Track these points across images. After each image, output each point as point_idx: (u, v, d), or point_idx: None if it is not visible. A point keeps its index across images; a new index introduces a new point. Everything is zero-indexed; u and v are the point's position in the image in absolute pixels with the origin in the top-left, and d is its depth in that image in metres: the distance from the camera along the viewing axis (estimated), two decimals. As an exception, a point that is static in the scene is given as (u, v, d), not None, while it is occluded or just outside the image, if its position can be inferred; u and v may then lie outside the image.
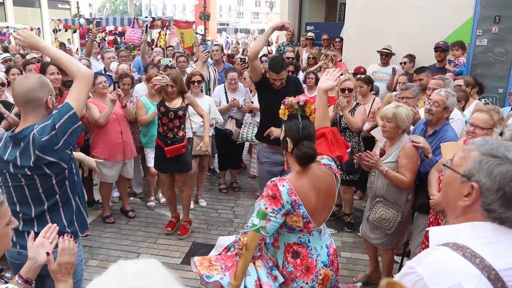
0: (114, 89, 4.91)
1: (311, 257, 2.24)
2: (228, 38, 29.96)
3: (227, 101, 5.54)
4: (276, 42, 17.43)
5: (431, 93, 3.98)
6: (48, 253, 1.73)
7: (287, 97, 2.28)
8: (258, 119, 5.24)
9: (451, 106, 3.37)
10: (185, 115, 4.40)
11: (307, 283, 2.23)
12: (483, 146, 1.23)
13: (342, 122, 4.56)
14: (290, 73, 5.82)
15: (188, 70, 5.91)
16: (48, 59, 5.25)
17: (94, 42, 7.50)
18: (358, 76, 5.42)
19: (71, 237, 1.77)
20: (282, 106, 2.30)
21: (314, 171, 2.22)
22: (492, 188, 1.18)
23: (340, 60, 7.42)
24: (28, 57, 7.30)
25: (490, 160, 1.19)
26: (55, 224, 1.87)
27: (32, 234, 1.83)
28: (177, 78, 4.31)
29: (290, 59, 6.98)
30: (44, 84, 2.21)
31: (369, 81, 5.15)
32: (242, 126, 5.40)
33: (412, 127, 3.73)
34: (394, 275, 1.67)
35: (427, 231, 1.43)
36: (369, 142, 4.84)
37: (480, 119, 2.90)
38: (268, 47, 18.33)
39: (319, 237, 2.30)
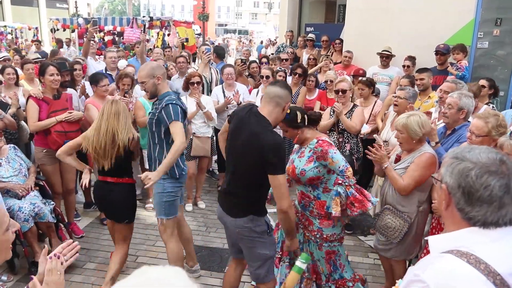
0: (123, 92, 4.89)
1: None
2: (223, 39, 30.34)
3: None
4: (274, 43, 17.42)
5: (442, 95, 4.01)
6: (31, 277, 1.68)
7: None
8: None
9: (465, 107, 3.35)
10: None
11: None
12: (453, 152, 1.34)
13: (340, 124, 4.50)
14: (297, 76, 5.73)
15: (190, 71, 5.87)
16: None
17: (92, 42, 7.42)
18: (360, 78, 5.33)
19: (58, 258, 1.75)
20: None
21: None
22: (454, 186, 1.27)
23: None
24: (31, 56, 7.23)
25: (453, 162, 1.30)
26: (76, 242, 1.86)
27: (46, 248, 1.80)
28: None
29: (284, 60, 6.77)
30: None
31: (370, 83, 5.06)
32: None
33: None
34: (397, 281, 1.64)
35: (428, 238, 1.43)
36: (371, 145, 4.76)
37: (475, 125, 2.90)
38: (266, 49, 18.28)
39: None
